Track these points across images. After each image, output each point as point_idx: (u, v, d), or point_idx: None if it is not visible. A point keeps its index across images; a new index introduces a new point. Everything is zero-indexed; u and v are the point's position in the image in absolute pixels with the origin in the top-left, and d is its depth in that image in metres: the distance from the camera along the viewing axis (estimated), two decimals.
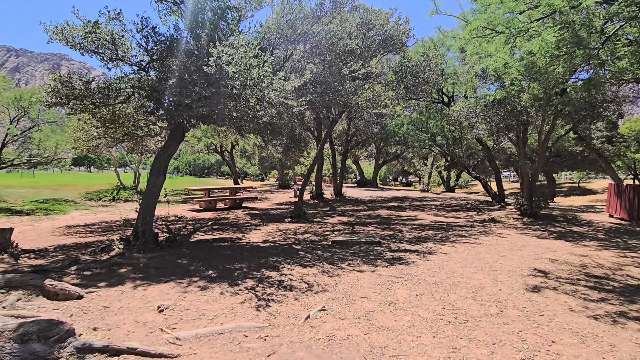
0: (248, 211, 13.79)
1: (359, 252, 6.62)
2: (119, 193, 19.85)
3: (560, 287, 4.69)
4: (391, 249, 6.90)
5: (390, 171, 48.96)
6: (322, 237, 8.19)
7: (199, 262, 5.76)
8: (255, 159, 40.08)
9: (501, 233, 8.80)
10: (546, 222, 10.39)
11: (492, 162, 15.09)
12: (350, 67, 8.10)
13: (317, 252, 6.68)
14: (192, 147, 19.58)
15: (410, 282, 4.85)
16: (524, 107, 9.13)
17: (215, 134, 17.52)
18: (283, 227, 9.74)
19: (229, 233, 8.80)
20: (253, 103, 6.17)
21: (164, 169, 7.58)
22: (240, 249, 6.90)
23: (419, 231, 9.06)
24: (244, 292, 4.32)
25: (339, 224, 10.34)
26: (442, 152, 16.81)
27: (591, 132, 16.90)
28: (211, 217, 11.88)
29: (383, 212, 13.27)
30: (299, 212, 11.45)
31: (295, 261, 5.92)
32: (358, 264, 5.75)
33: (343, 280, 4.91)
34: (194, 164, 74.59)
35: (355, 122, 18.31)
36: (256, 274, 5.15)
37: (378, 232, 8.84)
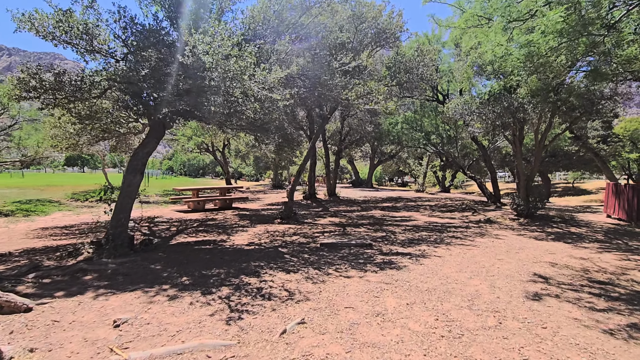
0: (238, 212, 13.35)
1: (348, 256, 6.22)
2: (106, 193, 19.24)
3: (562, 294, 4.32)
4: (382, 252, 6.51)
5: (385, 171, 48.71)
6: (310, 239, 7.79)
7: (174, 267, 5.33)
8: (250, 159, 39.57)
9: (497, 234, 8.46)
10: (543, 223, 10.07)
11: (487, 162, 14.79)
12: (340, 60, 7.71)
13: (304, 255, 6.27)
14: (182, 146, 19.07)
15: (401, 289, 4.46)
16: (521, 103, 8.80)
17: (205, 132, 17.05)
18: (271, 229, 9.32)
19: (213, 235, 8.37)
20: (234, 97, 5.76)
21: (142, 168, 7.13)
22: (222, 252, 6.47)
23: (413, 233, 8.68)
24: (217, 302, 3.90)
25: (330, 225, 9.93)
26: (437, 151, 16.49)
27: (587, 132, 16.67)
28: (198, 218, 11.43)
29: (376, 213, 12.90)
30: (289, 212, 11.03)
31: (279, 266, 5.51)
32: (346, 269, 5.35)
33: (328, 287, 4.51)
34: (188, 164, 73.77)
35: (348, 121, 17.93)
36: (234, 280, 4.74)
37: (370, 234, 8.45)
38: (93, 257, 5.49)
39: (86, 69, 7.06)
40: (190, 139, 18.50)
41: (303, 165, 11.41)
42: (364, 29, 9.37)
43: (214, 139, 18.22)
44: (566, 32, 4.22)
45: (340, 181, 49.93)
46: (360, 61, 7.60)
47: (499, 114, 9.57)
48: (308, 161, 10.91)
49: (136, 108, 7.12)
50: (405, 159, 34.68)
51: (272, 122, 7.84)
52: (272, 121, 7.63)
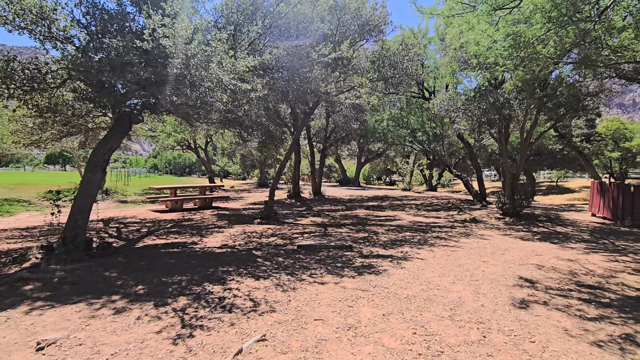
0: (217, 212, 12.81)
1: (326, 259, 5.82)
2: None
3: (551, 300, 4.02)
4: (362, 255, 6.14)
5: (373, 170, 48.59)
6: (288, 241, 7.36)
7: (131, 274, 4.83)
8: (237, 158, 38.83)
9: (483, 234, 8.19)
10: (529, 222, 9.89)
11: (473, 160, 14.61)
12: (319, 51, 7.29)
13: (278, 259, 5.84)
14: (161, 143, 18.33)
15: (379, 296, 4.08)
16: (507, 99, 8.56)
17: (185, 128, 16.40)
18: (249, 230, 8.86)
19: (185, 237, 7.86)
20: (201, 86, 5.28)
21: (103, 164, 6.57)
22: (189, 256, 5.99)
23: (396, 233, 8.35)
24: (169, 316, 3.44)
25: (312, 226, 9.53)
26: (423, 149, 16.26)
27: (572, 130, 16.70)
28: (174, 219, 10.86)
29: (361, 212, 12.55)
30: (269, 212, 10.58)
31: (249, 271, 5.07)
32: (321, 274, 4.95)
33: (299, 295, 4.10)
34: (174, 162, 72.15)
35: (333, 118, 17.54)
36: (196, 289, 4.28)
37: (351, 235, 8.08)
38: (41, 263, 4.93)
39: (40, 57, 6.47)
40: (170, 136, 17.79)
41: (284, 162, 10.97)
42: (346, 21, 8.97)
43: (193, 136, 17.54)
44: (555, 19, 3.92)
45: (329, 180, 49.63)
46: (340, 52, 7.20)
47: (485, 110, 9.32)
48: (290, 158, 10.46)
49: (98, 100, 6.55)
50: (392, 157, 34.52)
51: (247, 116, 7.36)
52: (246, 115, 7.16)
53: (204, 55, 4.81)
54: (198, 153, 22.86)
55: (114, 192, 19.76)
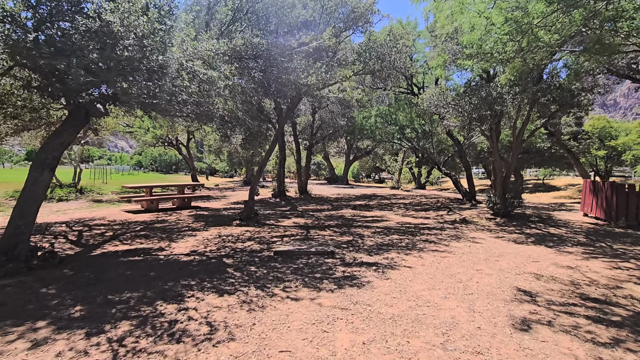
0: (195, 212, 12.08)
1: (304, 268, 5.22)
2: (53, 192, 17.40)
3: (555, 319, 3.51)
4: (345, 262, 5.56)
5: (362, 167, 48.20)
6: (266, 246, 6.73)
7: (73, 291, 4.14)
8: (224, 155, 37.90)
9: (474, 237, 7.72)
10: (521, 223, 9.48)
11: (463, 158, 14.21)
12: (299, 39, 6.65)
13: (251, 268, 5.22)
14: (139, 139, 17.39)
15: (359, 317, 3.50)
16: (500, 93, 8.08)
17: (162, 124, 15.53)
18: (225, 232, 8.19)
19: (153, 241, 7.15)
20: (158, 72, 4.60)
21: (52, 162, 5.80)
22: (150, 266, 5.31)
23: (382, 236, 7.80)
24: (99, 351, 2.79)
25: (293, 228, 8.91)
26: (412, 147, 15.79)
27: (561, 128, 16.47)
28: (146, 220, 10.10)
29: (347, 212, 11.99)
30: (249, 213, 9.92)
31: (214, 285, 4.43)
32: (296, 288, 4.35)
33: (266, 316, 3.49)
34: (159, 159, 70.27)
35: (320, 114, 16.91)
36: (145, 309, 3.62)
37: (335, 238, 7.50)
38: None
39: None
40: (148, 132, 16.87)
41: (266, 159, 10.31)
42: (330, 7, 8.34)
43: (172, 132, 16.67)
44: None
45: (318, 177, 49.05)
46: (322, 41, 6.58)
47: (476, 105, 8.84)
48: (272, 154, 9.83)
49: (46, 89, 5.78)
50: (381, 155, 34.12)
51: (220, 110, 6.68)
52: (218, 108, 6.47)
53: (159, 36, 4.12)
54: (180, 150, 21.95)
55: (90, 191, 18.76)
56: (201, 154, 52.32)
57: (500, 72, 8.62)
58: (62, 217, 10.71)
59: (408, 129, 14.01)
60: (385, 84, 11.38)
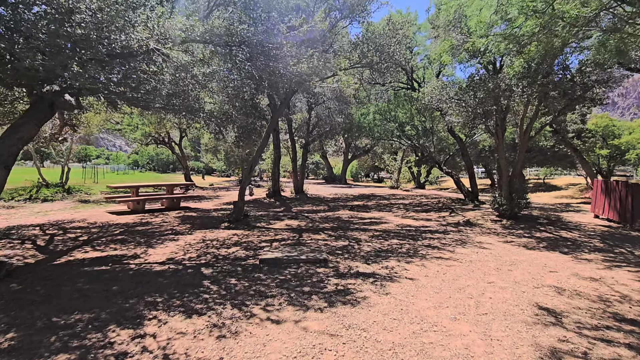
0: (184, 213, 11.42)
1: (292, 279, 4.58)
2: (39, 191, 16.71)
3: (592, 350, 2.87)
4: (338, 272, 4.92)
5: (361, 167, 47.64)
6: (252, 252, 6.09)
7: (13, 311, 3.49)
8: (221, 154, 37.30)
9: (481, 242, 7.09)
10: (529, 226, 8.86)
11: (465, 156, 13.58)
12: (288, 22, 6.01)
13: (231, 280, 4.57)
14: (128, 136, 16.69)
15: (352, 347, 2.87)
16: (509, 85, 7.45)
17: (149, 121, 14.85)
18: (211, 236, 7.55)
19: (128, 247, 6.50)
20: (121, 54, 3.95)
21: (9, 159, 5.15)
22: (115, 278, 4.66)
23: (381, 240, 7.17)
24: None
25: (285, 231, 8.27)
26: (412, 145, 15.15)
27: (567, 125, 15.87)
28: (128, 222, 9.44)
29: (344, 214, 11.36)
30: (238, 215, 9.27)
31: (183, 302, 3.79)
32: (280, 305, 3.71)
33: (238, 346, 2.85)
34: (156, 159, 69.41)
35: (316, 111, 16.27)
36: (92, 337, 2.98)
37: (329, 243, 6.86)
38: None
39: None
40: (137, 129, 16.19)
41: (256, 157, 9.66)
42: None
43: (160, 129, 15.98)
44: None
45: (316, 177, 48.44)
46: (313, 24, 5.94)
47: (481, 100, 8.20)
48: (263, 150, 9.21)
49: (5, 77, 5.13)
50: (380, 154, 33.54)
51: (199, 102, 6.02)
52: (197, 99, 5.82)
53: (115, 10, 3.48)
54: (173, 148, 21.25)
55: (78, 191, 18.10)
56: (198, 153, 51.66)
57: (508, 64, 7.99)
58: (40, 219, 10.04)
59: (408, 126, 13.38)
60: (384, 78, 10.75)
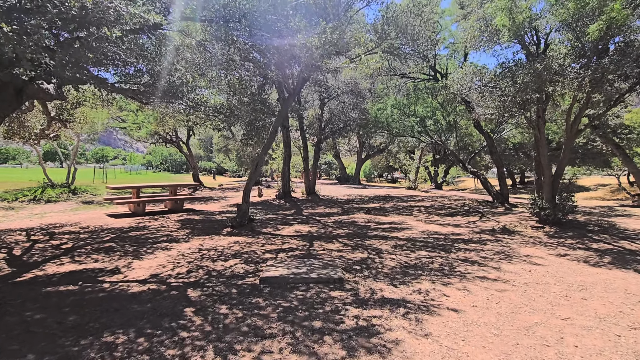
0: (186, 216, 10.56)
1: (298, 308, 3.55)
2: (43, 192, 16.24)
3: None
4: (358, 298, 3.86)
5: (375, 167, 46.38)
6: (253, 267, 5.10)
7: None
8: (233, 154, 36.82)
9: (529, 255, 5.89)
10: (579, 234, 7.58)
11: (494, 154, 12.28)
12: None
13: (221, 308, 3.57)
14: (133, 135, 16.02)
15: None
16: (562, 66, 6.21)
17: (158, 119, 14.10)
18: (209, 244, 6.60)
19: (112, 258, 5.60)
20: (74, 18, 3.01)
21: None
22: (79, 303, 3.72)
23: (407, 252, 6.06)
24: None
25: (295, 238, 7.26)
26: (433, 142, 13.91)
27: (607, 120, 14.33)
28: (124, 227, 8.60)
29: (360, 218, 10.27)
30: (242, 219, 8.30)
31: (150, 345, 2.80)
32: (280, 353, 2.68)
33: None
34: (170, 159, 69.69)
35: (329, 106, 15.22)
36: None
37: (345, 255, 5.80)
38: None
39: None
40: (141, 127, 15.50)
41: (263, 153, 8.69)
42: None
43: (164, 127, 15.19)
44: None
45: (329, 177, 47.41)
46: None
47: (524, 86, 6.98)
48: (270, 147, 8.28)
49: None
50: (395, 153, 32.24)
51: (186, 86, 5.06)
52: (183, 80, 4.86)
53: None
54: (181, 148, 20.59)
55: (84, 191, 17.59)
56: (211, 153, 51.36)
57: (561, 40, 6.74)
58: (33, 222, 9.34)
59: (430, 121, 12.15)
60: (405, 66, 9.60)
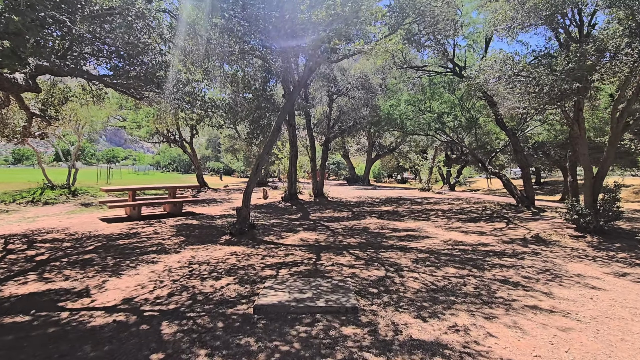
0: (183, 220, 9.79)
1: (300, 354, 2.66)
2: (43, 193, 15.70)
3: None
4: (378, 339, 2.95)
5: (384, 167, 45.34)
6: (248, 288, 4.24)
7: None
8: (241, 154, 36.28)
9: (581, 275, 4.89)
10: (630, 245, 6.53)
11: (518, 153, 11.22)
12: None
13: (199, 355, 2.71)
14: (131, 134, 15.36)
15: None
16: (618, 46, 5.20)
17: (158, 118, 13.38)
18: (201, 257, 5.77)
19: (86, 275, 4.80)
20: None
21: None
22: (17, 344, 2.91)
23: (432, 269, 5.13)
24: None
25: (300, 249, 6.38)
26: (450, 140, 12.88)
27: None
28: (113, 233, 7.85)
29: (372, 223, 9.35)
30: (242, 226, 7.46)
31: None
32: None
33: None
34: (178, 159, 69.57)
35: (338, 103, 14.31)
36: None
37: (358, 273, 4.90)
38: None
39: None
40: (141, 126, 14.82)
41: (264, 152, 7.82)
42: None
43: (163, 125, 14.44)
44: None
45: (337, 177, 46.51)
46: None
47: (565, 73, 5.97)
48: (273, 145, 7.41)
49: None
50: (406, 152, 31.19)
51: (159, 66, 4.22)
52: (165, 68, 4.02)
53: None
54: (184, 147, 19.93)
55: (84, 193, 17.03)
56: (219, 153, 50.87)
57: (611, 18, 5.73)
58: (20, 227, 8.66)
59: (449, 117, 11.11)
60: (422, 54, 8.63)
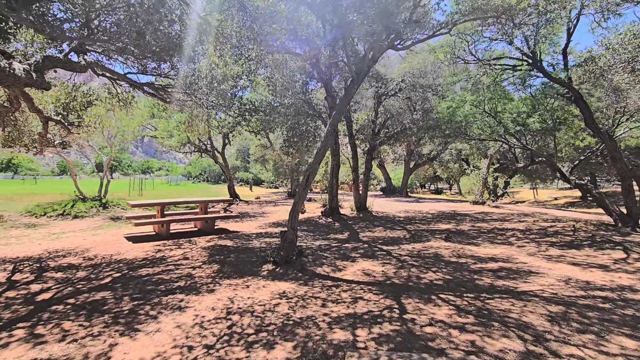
0: (217, 240, 8.52)
1: None
2: (74, 206, 15.17)
3: None
4: None
5: (417, 176, 42.99)
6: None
7: None
8: (270, 164, 35.52)
9: None
10: None
11: (617, 161, 9.07)
12: None
13: None
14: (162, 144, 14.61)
15: None
16: None
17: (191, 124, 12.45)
18: (242, 301, 4.35)
19: (90, 332, 3.51)
20: None
21: None
22: None
23: (590, 337, 3.38)
24: None
25: (368, 290, 4.81)
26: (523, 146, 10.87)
27: None
28: (136, 257, 6.67)
29: (441, 248, 7.61)
30: (289, 253, 6.00)
31: None
32: None
33: None
34: (208, 170, 70.31)
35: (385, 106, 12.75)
36: None
37: (479, 342, 3.24)
38: None
39: None
40: (172, 136, 13.99)
41: (315, 163, 6.38)
42: None
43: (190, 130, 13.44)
44: None
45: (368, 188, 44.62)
46: None
47: None
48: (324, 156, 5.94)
49: None
50: (446, 161, 28.99)
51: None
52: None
53: None
54: (216, 158, 19.07)
55: (115, 205, 16.41)
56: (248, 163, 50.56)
57: None
58: (41, 246, 7.75)
59: (532, 118, 9.16)
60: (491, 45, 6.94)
